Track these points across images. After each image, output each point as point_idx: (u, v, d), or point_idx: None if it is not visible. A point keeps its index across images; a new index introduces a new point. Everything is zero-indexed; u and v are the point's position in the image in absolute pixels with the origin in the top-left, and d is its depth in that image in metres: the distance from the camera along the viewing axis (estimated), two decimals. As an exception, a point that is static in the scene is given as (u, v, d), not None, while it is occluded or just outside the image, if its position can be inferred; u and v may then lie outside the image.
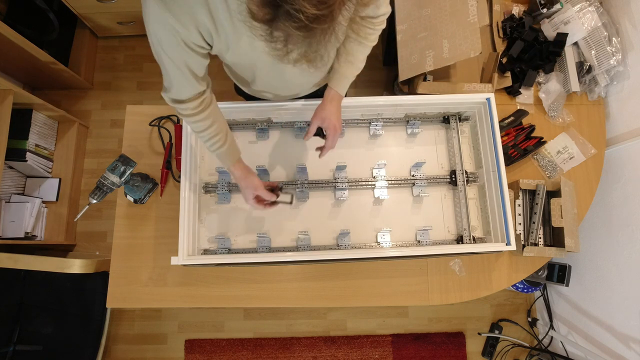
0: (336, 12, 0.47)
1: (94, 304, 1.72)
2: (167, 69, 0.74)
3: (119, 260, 1.18)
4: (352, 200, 1.18)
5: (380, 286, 1.19)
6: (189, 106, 0.82)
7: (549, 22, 1.37)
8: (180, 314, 1.92)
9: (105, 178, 1.05)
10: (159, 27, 0.66)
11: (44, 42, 1.82)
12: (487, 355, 1.89)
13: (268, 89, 1.02)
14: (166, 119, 1.27)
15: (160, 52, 0.71)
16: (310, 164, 1.19)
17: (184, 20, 0.65)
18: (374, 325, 1.93)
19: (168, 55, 0.71)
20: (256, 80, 0.92)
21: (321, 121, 0.98)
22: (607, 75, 1.32)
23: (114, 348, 1.88)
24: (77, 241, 1.97)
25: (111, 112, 2.10)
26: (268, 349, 1.88)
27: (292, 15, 0.45)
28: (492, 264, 1.22)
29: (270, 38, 0.51)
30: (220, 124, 0.89)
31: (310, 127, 1.00)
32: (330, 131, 0.98)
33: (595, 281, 1.51)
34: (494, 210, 1.11)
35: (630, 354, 1.34)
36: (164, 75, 0.77)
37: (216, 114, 0.88)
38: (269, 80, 0.93)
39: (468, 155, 1.22)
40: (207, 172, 1.19)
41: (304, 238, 1.13)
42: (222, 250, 1.13)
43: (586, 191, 1.30)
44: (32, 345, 1.64)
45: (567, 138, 1.33)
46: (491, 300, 1.96)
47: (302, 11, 0.45)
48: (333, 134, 0.99)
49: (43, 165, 1.84)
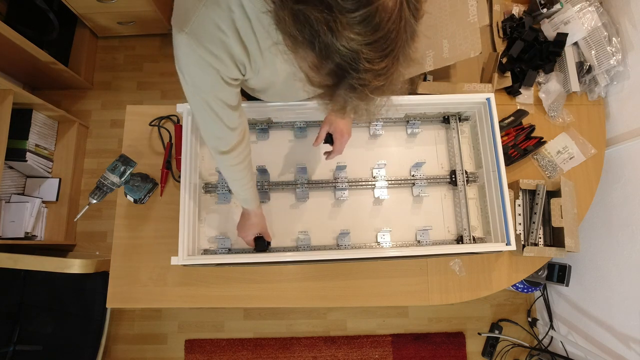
0: (394, 80, 0.48)
1: (94, 304, 1.72)
2: (208, 118, 0.74)
3: (119, 260, 1.19)
4: (352, 200, 1.18)
5: (380, 286, 1.19)
6: (232, 155, 0.83)
7: (549, 22, 1.37)
8: (180, 314, 1.92)
9: (105, 178, 1.05)
10: (197, 69, 0.66)
11: (44, 42, 1.82)
12: (487, 355, 1.89)
13: (277, 99, 1.05)
14: (166, 119, 1.27)
15: (199, 100, 0.71)
16: (310, 164, 1.19)
17: (222, 56, 0.65)
18: (374, 325, 1.93)
19: (207, 100, 0.71)
20: (267, 92, 0.92)
21: (330, 125, 1.01)
22: (607, 75, 1.32)
23: (114, 348, 1.88)
24: (77, 241, 1.97)
25: (111, 112, 2.10)
26: (268, 349, 1.88)
27: (356, 88, 0.46)
28: (492, 264, 1.22)
29: (324, 100, 0.51)
30: (251, 169, 0.93)
31: (320, 132, 1.02)
32: (337, 135, 1.01)
33: (595, 281, 1.51)
34: (494, 210, 1.11)
35: (630, 354, 1.34)
36: (208, 127, 0.78)
37: (250, 162, 0.91)
38: (281, 92, 0.94)
39: (468, 155, 1.22)
40: (207, 172, 1.19)
41: (304, 238, 1.13)
42: (222, 250, 1.13)
43: (586, 191, 1.30)
44: (32, 345, 1.64)
45: (567, 138, 1.33)
46: (491, 300, 1.96)
47: (366, 85, 0.46)
48: (341, 139, 1.02)
49: (43, 165, 1.84)
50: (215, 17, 0.61)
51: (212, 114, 0.74)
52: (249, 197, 0.96)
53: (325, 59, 0.45)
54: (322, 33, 0.42)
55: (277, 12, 0.46)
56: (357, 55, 0.43)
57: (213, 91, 0.71)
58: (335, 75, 0.47)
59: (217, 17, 0.61)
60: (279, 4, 0.45)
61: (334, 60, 0.45)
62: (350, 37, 0.42)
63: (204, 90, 0.70)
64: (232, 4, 0.61)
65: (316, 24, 0.42)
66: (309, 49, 0.45)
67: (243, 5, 0.61)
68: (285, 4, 0.44)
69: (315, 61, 0.47)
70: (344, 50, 0.43)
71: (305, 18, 0.43)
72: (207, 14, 0.60)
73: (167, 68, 2.14)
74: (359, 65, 0.44)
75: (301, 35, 0.45)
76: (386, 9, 0.41)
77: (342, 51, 0.43)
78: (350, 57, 0.44)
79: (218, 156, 0.84)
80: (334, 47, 0.43)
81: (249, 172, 0.92)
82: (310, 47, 0.45)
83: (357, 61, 0.44)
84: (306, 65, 0.49)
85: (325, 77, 0.48)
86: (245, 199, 0.97)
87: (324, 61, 0.46)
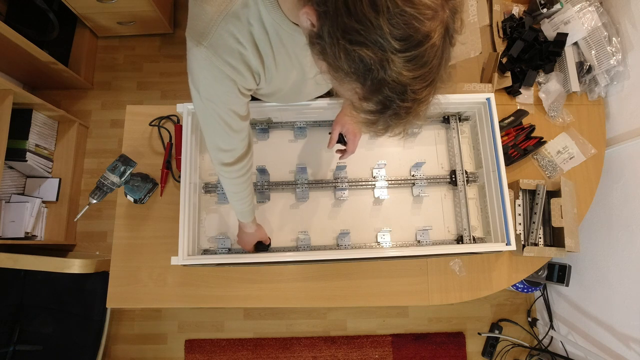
0: (430, 102, 0.51)
1: (94, 304, 1.72)
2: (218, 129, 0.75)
3: (119, 260, 1.19)
4: (352, 200, 1.18)
5: (380, 286, 1.19)
6: (235, 168, 0.84)
7: (549, 22, 1.37)
8: (180, 314, 1.92)
9: (105, 178, 1.05)
10: (214, 81, 0.67)
11: (44, 42, 1.82)
12: (487, 355, 1.89)
13: (280, 101, 1.05)
14: (166, 119, 1.27)
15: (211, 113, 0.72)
16: (310, 164, 1.19)
17: (240, 68, 0.66)
18: (374, 325, 1.93)
19: (219, 112, 0.72)
20: (273, 97, 0.92)
21: (342, 127, 1.04)
22: (607, 75, 1.32)
23: (114, 348, 1.88)
24: (77, 241, 1.97)
25: (111, 112, 2.09)
26: (268, 349, 1.88)
27: (400, 114, 0.50)
28: (492, 264, 1.22)
29: (367, 125, 0.54)
30: (251, 182, 0.94)
31: (332, 133, 1.05)
32: (350, 136, 1.04)
33: (595, 281, 1.51)
34: (494, 210, 1.11)
35: (630, 354, 1.34)
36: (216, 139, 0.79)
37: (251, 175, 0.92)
38: (286, 96, 0.95)
39: (468, 155, 1.22)
40: (207, 172, 1.19)
41: (304, 238, 1.13)
42: (222, 250, 1.13)
43: (586, 191, 1.30)
44: (32, 345, 1.64)
45: (567, 138, 1.33)
46: (491, 300, 1.96)
47: (410, 112, 0.49)
48: (354, 139, 1.04)
49: (43, 165, 1.84)
50: (235, 30, 0.62)
51: (223, 125, 0.75)
52: (246, 210, 0.97)
53: (375, 92, 0.48)
54: (375, 70, 0.45)
55: (328, 47, 0.48)
56: (405, 87, 0.46)
57: (227, 103, 0.72)
58: (381, 104, 0.49)
59: (236, 30, 0.62)
60: (330, 42, 0.47)
61: (382, 93, 0.47)
62: (400, 73, 0.45)
63: (218, 103, 0.71)
64: (252, 17, 0.62)
65: (369, 62, 0.45)
66: (359, 83, 0.48)
67: (262, 19, 0.62)
68: (338, 43, 0.46)
69: (363, 93, 0.49)
70: (393, 84, 0.46)
71: (359, 57, 0.45)
72: (226, 27, 0.61)
73: (167, 68, 2.14)
74: (405, 96, 0.47)
75: (353, 71, 0.47)
76: (434, 46, 0.45)
77: (391, 85, 0.46)
78: (398, 89, 0.47)
79: (221, 168, 0.84)
80: (384, 82, 0.46)
81: (249, 186, 0.92)
82: (360, 82, 0.48)
83: (404, 93, 0.47)
84: (351, 94, 0.51)
85: (371, 106, 0.50)
86: (242, 212, 0.98)
87: (372, 94, 0.49)
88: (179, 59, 2.15)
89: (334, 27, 0.46)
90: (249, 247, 1.08)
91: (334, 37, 0.46)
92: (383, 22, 0.42)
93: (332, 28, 0.46)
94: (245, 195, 0.93)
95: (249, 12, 0.61)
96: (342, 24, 0.45)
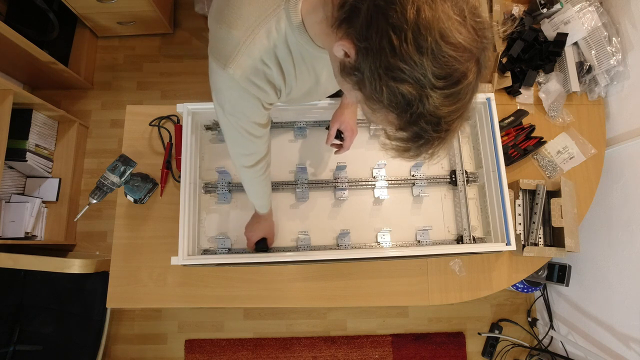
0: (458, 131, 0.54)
1: (94, 304, 1.72)
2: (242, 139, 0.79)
3: (119, 260, 1.19)
4: (352, 200, 1.18)
5: (380, 286, 1.19)
6: (257, 168, 0.88)
7: (549, 22, 1.37)
8: (180, 314, 1.92)
9: (105, 178, 1.05)
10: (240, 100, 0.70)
11: (44, 42, 1.82)
12: (487, 355, 1.89)
13: (288, 104, 1.08)
14: (166, 119, 1.27)
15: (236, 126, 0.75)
16: (310, 164, 1.19)
17: (265, 87, 0.69)
18: (374, 325, 1.93)
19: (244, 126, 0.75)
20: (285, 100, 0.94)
21: (340, 124, 1.06)
22: (607, 75, 1.32)
23: (114, 348, 1.88)
24: (77, 241, 1.97)
25: (111, 112, 2.09)
26: (268, 349, 1.88)
27: (432, 143, 0.52)
28: (492, 264, 1.22)
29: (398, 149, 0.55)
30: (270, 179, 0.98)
31: (330, 130, 1.07)
32: (348, 133, 1.07)
33: (595, 281, 1.51)
34: (494, 210, 1.11)
35: (630, 354, 1.34)
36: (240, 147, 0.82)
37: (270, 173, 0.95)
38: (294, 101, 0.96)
39: (468, 155, 1.22)
40: (207, 172, 1.19)
41: (304, 238, 1.13)
42: (222, 250, 1.13)
43: (586, 191, 1.30)
44: (32, 345, 1.64)
45: (567, 138, 1.33)
46: (491, 300, 1.96)
47: (443, 141, 0.52)
48: (350, 136, 1.07)
49: (43, 165, 1.84)
50: (261, 52, 0.64)
51: (247, 135, 0.78)
52: (265, 204, 1.01)
53: (411, 124, 0.50)
54: (415, 105, 0.48)
55: (367, 81, 0.50)
56: (440, 119, 0.49)
57: (251, 118, 0.75)
58: (415, 134, 0.52)
59: (262, 53, 0.64)
60: (371, 76, 0.49)
61: (418, 125, 0.50)
62: (437, 107, 0.48)
63: (242, 118, 0.74)
64: (278, 40, 0.64)
65: (410, 98, 0.47)
66: (396, 114, 0.51)
67: (287, 41, 0.64)
68: (380, 79, 0.48)
69: (399, 124, 0.52)
70: (429, 117, 0.49)
71: (400, 93, 0.48)
72: (253, 50, 0.63)
73: (167, 68, 2.14)
74: (439, 127, 0.50)
75: (393, 105, 0.49)
76: (469, 84, 0.48)
77: (427, 118, 0.49)
78: (433, 121, 0.49)
79: (243, 170, 0.88)
80: (422, 115, 0.49)
81: (268, 182, 0.97)
82: (397, 114, 0.50)
83: (439, 124, 0.50)
84: (385, 123, 0.54)
85: (405, 135, 0.53)
86: (261, 205, 1.01)
87: (409, 125, 0.51)
88: (179, 59, 2.15)
89: (377, 63, 0.47)
90: (254, 239, 1.09)
91: (376, 72, 0.48)
92: (426, 63, 0.45)
93: (375, 64, 0.48)
94: (265, 191, 0.98)
95: (275, 36, 0.63)
96: (386, 62, 0.46)
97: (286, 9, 0.61)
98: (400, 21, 0.45)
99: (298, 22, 0.61)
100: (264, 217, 1.06)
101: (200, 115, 1.13)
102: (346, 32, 0.51)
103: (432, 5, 0.44)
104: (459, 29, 0.45)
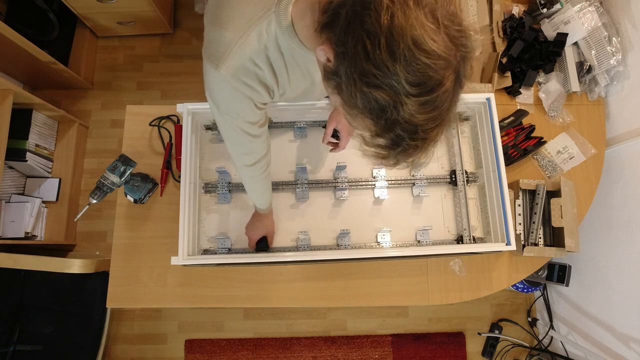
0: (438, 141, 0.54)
1: (94, 304, 1.72)
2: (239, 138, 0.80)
3: (119, 260, 1.19)
4: (352, 200, 1.18)
5: (380, 286, 1.19)
6: (257, 167, 0.89)
7: (549, 22, 1.37)
8: (180, 314, 1.92)
9: (105, 178, 1.05)
10: (232, 100, 0.71)
11: (44, 42, 1.82)
12: (487, 355, 1.89)
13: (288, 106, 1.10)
14: (166, 119, 1.27)
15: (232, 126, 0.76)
16: (310, 164, 1.19)
17: (257, 87, 0.70)
18: (374, 325, 1.93)
19: (239, 125, 0.76)
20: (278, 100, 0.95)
21: (337, 124, 1.08)
22: (607, 75, 1.32)
23: (114, 348, 1.88)
24: (77, 241, 1.97)
25: (111, 112, 2.09)
26: (268, 349, 1.88)
27: (409, 151, 0.52)
28: (492, 264, 1.22)
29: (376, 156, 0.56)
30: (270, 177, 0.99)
31: (327, 129, 1.08)
32: (344, 133, 1.07)
33: (595, 281, 1.51)
34: (494, 210, 1.11)
35: (630, 354, 1.34)
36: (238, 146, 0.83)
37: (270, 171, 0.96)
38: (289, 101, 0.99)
39: (468, 155, 1.22)
40: (207, 172, 1.19)
41: (304, 238, 1.13)
42: (222, 250, 1.13)
43: (586, 191, 1.30)
44: (32, 345, 1.64)
45: (567, 138, 1.33)
46: (491, 300, 1.96)
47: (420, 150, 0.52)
48: (347, 136, 1.08)
49: (43, 165, 1.84)
50: (252, 53, 0.64)
51: (244, 135, 0.79)
52: (265, 201, 1.02)
53: (387, 131, 0.50)
54: (389, 111, 0.48)
55: (344, 85, 0.50)
56: (416, 127, 0.49)
57: (245, 117, 0.75)
58: (392, 142, 0.51)
59: (253, 54, 0.65)
60: (347, 81, 0.49)
61: (394, 131, 0.50)
62: (413, 115, 0.47)
63: (236, 117, 0.75)
64: (269, 42, 0.64)
65: (384, 104, 0.47)
66: (372, 120, 0.50)
67: (278, 43, 0.65)
68: (355, 83, 0.48)
69: (376, 130, 0.52)
70: (405, 125, 0.48)
71: (374, 98, 0.47)
72: (244, 51, 0.64)
73: (167, 68, 2.14)
74: (416, 135, 0.50)
75: (367, 110, 0.49)
76: (446, 92, 0.47)
77: (403, 125, 0.49)
78: (410, 129, 0.49)
79: (244, 169, 0.88)
80: (397, 122, 0.48)
81: (269, 181, 0.98)
82: (374, 120, 0.50)
83: (415, 132, 0.49)
84: (363, 130, 0.53)
85: (383, 142, 0.53)
86: (261, 203, 1.02)
87: (385, 132, 0.51)
88: (179, 59, 2.15)
89: (352, 68, 0.48)
90: (255, 238, 1.09)
91: (351, 77, 0.48)
92: (399, 69, 0.45)
93: (350, 69, 0.48)
94: (266, 190, 0.99)
95: (266, 38, 0.64)
96: (360, 67, 0.47)
97: (276, 12, 0.62)
98: (374, 27, 0.45)
99: (287, 24, 0.62)
100: (264, 215, 1.06)
101: (200, 115, 1.13)
102: (327, 37, 0.52)
103: (405, 12, 0.44)
104: (433, 36, 0.45)
